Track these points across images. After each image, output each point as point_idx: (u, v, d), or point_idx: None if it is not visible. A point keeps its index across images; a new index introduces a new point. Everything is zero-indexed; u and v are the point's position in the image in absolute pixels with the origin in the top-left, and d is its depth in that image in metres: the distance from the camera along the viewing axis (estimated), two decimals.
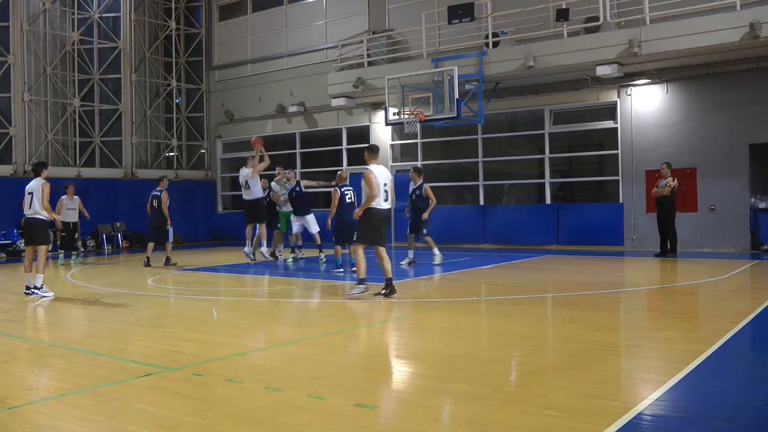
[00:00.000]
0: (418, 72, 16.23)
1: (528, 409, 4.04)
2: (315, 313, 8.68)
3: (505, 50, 16.13)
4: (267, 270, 13.25)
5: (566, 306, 8.11)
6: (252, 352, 5.87)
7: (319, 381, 4.83)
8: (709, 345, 5.59)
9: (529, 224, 17.36)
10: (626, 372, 5.15)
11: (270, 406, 4.23)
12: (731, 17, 13.22)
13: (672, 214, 13.79)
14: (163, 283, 11.23)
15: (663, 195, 13.73)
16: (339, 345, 6.32)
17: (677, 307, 8.15)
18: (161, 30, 23.67)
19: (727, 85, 14.88)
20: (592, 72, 15.21)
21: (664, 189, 13.73)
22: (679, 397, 4.30)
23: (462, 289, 10.04)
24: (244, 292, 10.34)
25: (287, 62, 22.11)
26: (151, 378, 4.99)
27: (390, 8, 19.72)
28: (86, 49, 22.18)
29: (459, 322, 7.37)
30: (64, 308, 8.82)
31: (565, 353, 5.63)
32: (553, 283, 10.34)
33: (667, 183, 13.75)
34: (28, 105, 20.37)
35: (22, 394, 4.62)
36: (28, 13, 20.56)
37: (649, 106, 15.88)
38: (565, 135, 17.55)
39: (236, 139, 23.63)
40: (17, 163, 19.83)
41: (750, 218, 14.84)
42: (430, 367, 5.35)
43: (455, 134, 18.64)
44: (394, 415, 4.11)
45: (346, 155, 20.99)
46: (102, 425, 3.98)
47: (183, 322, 7.77)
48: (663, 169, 14.04)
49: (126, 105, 22.38)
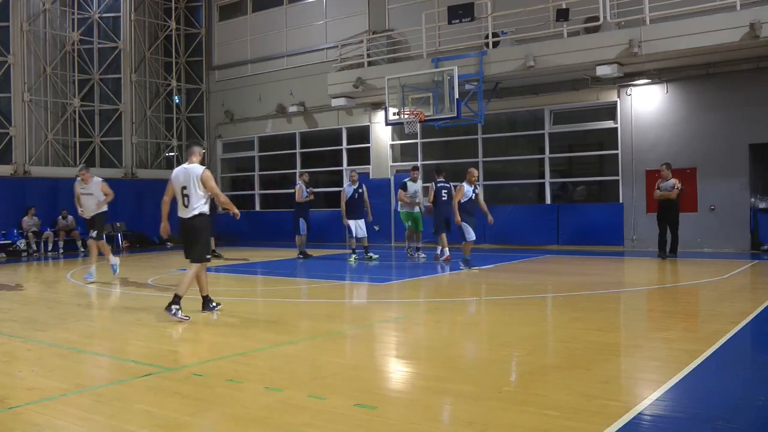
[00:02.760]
0: (418, 72, 16.23)
1: (528, 409, 4.04)
2: (315, 313, 8.68)
3: (505, 50, 16.14)
4: (267, 270, 13.25)
5: (566, 306, 8.11)
6: (252, 352, 5.87)
7: (319, 381, 4.83)
8: (709, 345, 5.58)
9: (529, 224, 17.36)
10: (626, 372, 5.15)
11: (270, 406, 4.23)
12: (731, 17, 13.22)
13: (677, 216, 13.50)
14: (163, 282, 11.22)
15: (670, 198, 13.37)
16: (339, 345, 6.32)
17: (677, 307, 8.14)
18: (161, 30, 23.67)
19: (727, 85, 14.88)
20: (592, 72, 15.20)
21: (671, 192, 13.37)
22: (679, 397, 4.29)
23: (462, 289, 10.04)
24: (244, 292, 10.34)
25: (287, 62, 22.12)
26: (151, 378, 4.98)
27: (390, 8, 19.72)
28: (86, 49, 22.18)
29: (459, 322, 7.37)
30: (64, 308, 8.81)
31: (565, 353, 5.62)
32: (553, 283, 10.34)
33: (674, 185, 13.45)
34: (28, 105, 20.37)
35: (22, 394, 4.61)
36: (28, 13, 20.56)
37: (649, 106, 15.88)
38: (565, 135, 17.55)
39: (236, 139, 23.64)
40: (17, 163, 19.82)
41: (750, 218, 14.83)
42: (430, 367, 5.36)
43: (455, 134, 18.64)
44: (394, 415, 4.11)
45: (346, 155, 20.99)
46: (102, 425, 3.98)
47: (183, 322, 7.76)
48: (663, 169, 13.73)
49: (126, 105, 22.38)
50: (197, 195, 7.54)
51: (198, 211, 7.56)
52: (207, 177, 7.57)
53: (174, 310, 7.33)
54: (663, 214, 13.61)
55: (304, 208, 15.45)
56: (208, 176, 7.61)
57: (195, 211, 7.55)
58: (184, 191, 7.59)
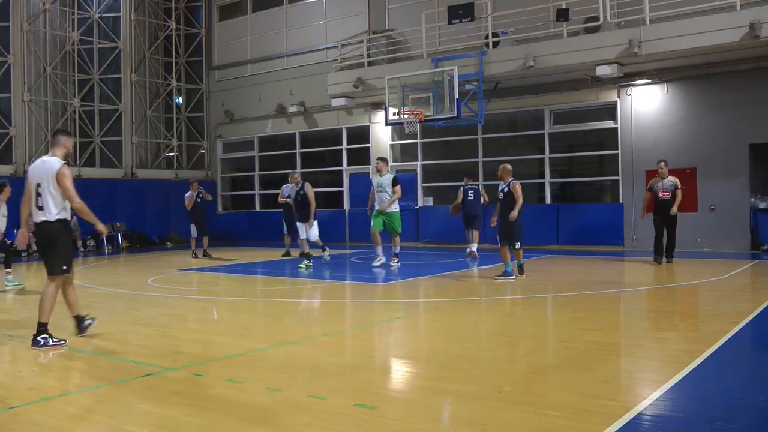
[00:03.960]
0: (418, 72, 16.23)
1: (528, 409, 4.04)
2: (315, 313, 8.68)
3: (505, 50, 16.13)
4: (268, 270, 13.25)
5: (566, 306, 8.11)
6: (252, 352, 5.87)
7: (319, 381, 4.83)
8: (709, 345, 5.58)
9: (529, 224, 17.28)
10: (626, 372, 5.15)
11: (270, 406, 4.23)
12: (731, 17, 13.21)
13: (675, 218, 12.43)
14: (163, 283, 11.23)
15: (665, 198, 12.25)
16: (339, 345, 6.32)
17: (677, 307, 8.15)
18: (161, 30, 23.66)
19: (727, 85, 14.88)
20: (592, 72, 15.20)
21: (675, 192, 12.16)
22: (679, 397, 4.29)
23: (462, 289, 10.04)
24: (245, 292, 10.34)
25: (287, 62, 22.11)
26: (151, 378, 4.98)
27: (390, 8, 19.72)
28: (86, 49, 22.17)
29: (459, 322, 7.37)
30: (64, 308, 8.80)
31: (565, 353, 5.63)
32: (553, 283, 10.34)
33: (675, 185, 12.26)
34: (28, 105, 20.37)
35: (22, 394, 4.61)
36: (28, 13, 20.56)
37: (649, 106, 15.88)
38: (565, 135, 17.55)
39: (236, 139, 23.64)
40: (17, 163, 19.82)
41: (750, 218, 14.83)
42: (430, 367, 5.36)
43: (455, 134, 18.64)
44: (394, 415, 4.11)
45: (346, 155, 20.99)
46: (102, 425, 3.99)
47: (183, 322, 7.78)
48: (661, 167, 12.58)
49: (126, 105, 22.38)
50: (52, 195, 6.22)
51: (55, 216, 6.25)
52: (63, 174, 6.19)
53: (42, 342, 6.06)
54: (661, 216, 12.55)
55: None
56: (65, 173, 6.22)
57: (49, 216, 6.24)
58: (38, 188, 6.26)
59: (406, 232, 19.36)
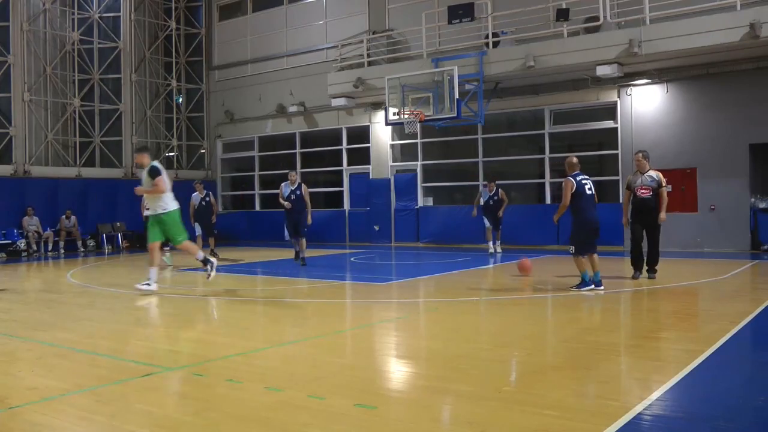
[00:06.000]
0: (418, 72, 16.24)
1: (528, 409, 4.03)
2: (315, 313, 8.68)
3: (505, 50, 16.14)
4: (268, 270, 13.24)
5: (566, 306, 8.11)
6: (252, 352, 5.86)
7: (319, 381, 4.83)
8: (709, 345, 5.58)
9: (529, 224, 17.35)
10: (626, 372, 5.14)
11: (270, 406, 4.23)
12: (731, 17, 13.22)
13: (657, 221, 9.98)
14: (163, 283, 11.22)
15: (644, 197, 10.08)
16: (339, 345, 6.32)
17: (677, 307, 8.14)
18: (161, 30, 23.66)
19: (727, 85, 14.88)
20: (592, 72, 15.21)
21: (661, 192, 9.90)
22: (679, 397, 4.29)
23: (462, 289, 10.04)
24: (244, 292, 10.34)
25: (287, 62, 22.12)
26: (151, 378, 4.98)
27: (390, 8, 19.72)
28: (86, 49, 22.17)
29: (459, 322, 7.37)
30: (64, 308, 8.81)
31: (565, 353, 5.62)
32: (553, 283, 10.34)
33: (657, 181, 9.92)
34: (28, 105, 20.36)
35: (22, 394, 4.61)
36: (28, 13, 20.56)
37: (649, 106, 15.88)
38: (565, 135, 17.55)
39: (236, 139, 23.65)
40: (17, 163, 19.82)
41: (750, 218, 14.84)
42: (430, 367, 5.35)
43: (455, 134, 18.64)
44: (394, 415, 4.10)
45: (346, 155, 21.00)
46: (102, 425, 3.98)
47: (183, 322, 7.77)
48: (638, 159, 10.12)
49: (126, 105, 22.38)
50: None
51: None
52: None
53: None
54: (640, 219, 10.17)
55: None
56: None
57: None
58: None
59: (406, 232, 19.47)
